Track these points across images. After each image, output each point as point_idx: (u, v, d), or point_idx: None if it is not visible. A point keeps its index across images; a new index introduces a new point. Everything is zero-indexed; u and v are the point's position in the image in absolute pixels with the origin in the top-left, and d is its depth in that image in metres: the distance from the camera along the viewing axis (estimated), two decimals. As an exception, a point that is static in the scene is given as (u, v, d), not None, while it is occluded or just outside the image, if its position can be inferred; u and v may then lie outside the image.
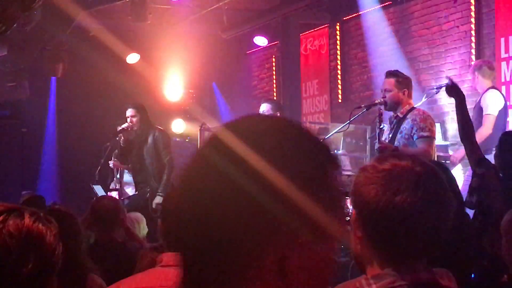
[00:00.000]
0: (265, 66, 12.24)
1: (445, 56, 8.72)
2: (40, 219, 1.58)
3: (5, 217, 1.52)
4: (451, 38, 8.65)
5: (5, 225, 1.51)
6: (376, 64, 9.87)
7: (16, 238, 1.51)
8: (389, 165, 1.52)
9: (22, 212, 1.56)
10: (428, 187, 1.50)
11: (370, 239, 1.54)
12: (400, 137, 5.41)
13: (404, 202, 1.46)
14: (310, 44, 11.08)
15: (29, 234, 1.53)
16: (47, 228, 1.58)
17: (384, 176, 1.51)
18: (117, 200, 4.94)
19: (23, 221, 1.53)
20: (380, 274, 1.50)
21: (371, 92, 9.77)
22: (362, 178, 1.55)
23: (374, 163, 1.57)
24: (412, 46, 9.25)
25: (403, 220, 1.47)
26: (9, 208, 1.56)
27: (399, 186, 1.48)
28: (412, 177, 1.49)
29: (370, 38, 10.04)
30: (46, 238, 1.56)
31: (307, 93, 11.08)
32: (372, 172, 1.53)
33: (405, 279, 1.47)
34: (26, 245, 1.52)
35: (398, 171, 1.50)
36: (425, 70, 9.01)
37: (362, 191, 1.53)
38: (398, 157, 1.56)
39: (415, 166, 1.51)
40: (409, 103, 5.54)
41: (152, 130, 7.47)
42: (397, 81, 5.54)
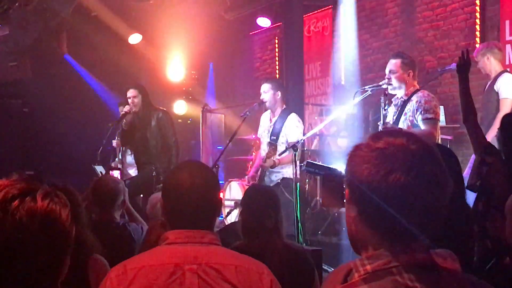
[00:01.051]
0: (268, 48, 12.19)
1: (450, 38, 8.67)
2: (53, 199, 1.55)
3: (19, 202, 1.50)
4: (455, 20, 8.60)
5: (19, 211, 1.48)
6: (380, 46, 9.83)
7: (30, 224, 1.48)
8: (383, 143, 1.48)
9: (35, 195, 1.53)
10: (423, 166, 1.45)
11: (364, 220, 1.51)
12: (404, 118, 5.39)
13: (397, 181, 1.43)
14: (314, 26, 11.03)
15: (43, 218, 1.51)
16: (60, 208, 1.56)
17: (377, 155, 1.47)
18: (118, 180, 4.92)
19: (37, 205, 1.51)
20: (375, 255, 1.48)
21: (374, 74, 9.74)
22: (356, 157, 1.51)
23: (368, 141, 1.52)
24: (416, 28, 9.20)
25: (396, 199, 1.43)
26: (23, 191, 1.53)
27: (392, 165, 1.44)
28: (406, 156, 1.45)
29: (373, 20, 9.99)
30: (60, 218, 1.55)
31: (310, 75, 11.05)
32: (366, 151, 1.49)
33: (400, 260, 1.45)
34: (40, 230, 1.50)
35: (392, 149, 1.46)
36: (429, 52, 8.96)
37: (356, 170, 1.49)
38: (393, 135, 1.51)
39: (410, 144, 1.47)
40: (414, 85, 5.51)
41: (155, 112, 7.42)
42: (402, 62, 5.51)
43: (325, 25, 10.81)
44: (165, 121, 7.36)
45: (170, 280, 2.20)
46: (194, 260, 2.24)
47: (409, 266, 1.45)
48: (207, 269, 2.23)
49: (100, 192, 4.38)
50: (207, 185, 2.40)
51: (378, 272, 1.45)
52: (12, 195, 1.51)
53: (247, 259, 2.37)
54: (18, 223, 1.47)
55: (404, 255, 1.46)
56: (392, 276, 1.44)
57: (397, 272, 1.44)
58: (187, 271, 2.22)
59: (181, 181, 2.37)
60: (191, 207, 2.35)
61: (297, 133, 6.60)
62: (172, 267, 2.22)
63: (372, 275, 1.45)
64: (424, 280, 1.44)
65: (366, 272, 1.46)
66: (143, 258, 2.31)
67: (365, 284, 1.44)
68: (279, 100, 6.78)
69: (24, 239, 1.48)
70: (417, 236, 1.48)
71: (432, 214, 1.48)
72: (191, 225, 2.33)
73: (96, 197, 4.38)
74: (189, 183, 2.36)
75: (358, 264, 1.49)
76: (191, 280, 2.21)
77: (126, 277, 2.20)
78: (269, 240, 3.63)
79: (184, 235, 2.31)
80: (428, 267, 1.47)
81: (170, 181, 2.44)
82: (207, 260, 2.25)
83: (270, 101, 6.74)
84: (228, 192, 9.18)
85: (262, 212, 3.70)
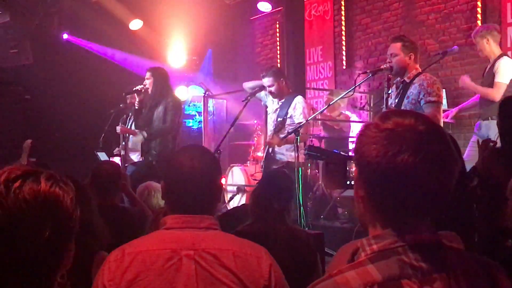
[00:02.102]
0: (269, 33, 12.16)
1: (450, 21, 8.65)
2: (56, 182, 1.55)
3: (21, 182, 1.49)
4: (456, 2, 8.58)
5: (21, 190, 1.48)
6: (381, 30, 9.81)
7: (32, 203, 1.48)
8: (391, 124, 1.49)
9: (38, 176, 1.53)
10: (431, 146, 1.46)
11: (372, 199, 1.52)
12: (407, 102, 5.37)
13: (405, 162, 1.43)
14: (315, 10, 11.00)
15: (45, 199, 1.50)
16: (64, 191, 1.55)
17: (386, 136, 1.47)
18: (118, 165, 4.94)
19: (39, 186, 1.50)
20: (381, 234, 1.49)
21: (375, 58, 9.73)
22: (365, 138, 1.52)
23: (377, 121, 1.52)
24: (417, 11, 9.17)
25: (404, 180, 1.45)
26: (25, 172, 1.53)
27: (400, 146, 1.45)
28: (414, 136, 1.46)
29: (374, 4, 9.96)
30: (63, 202, 1.54)
31: (311, 60, 11.03)
32: (374, 131, 1.50)
33: (406, 239, 1.47)
34: (42, 210, 1.49)
35: (400, 130, 1.47)
36: (430, 35, 8.94)
37: (364, 150, 1.50)
38: (402, 115, 1.51)
39: (419, 125, 1.48)
40: (415, 68, 5.49)
41: (166, 97, 7.43)
42: (403, 45, 5.48)
43: (326, 9, 10.78)
44: (171, 107, 7.36)
45: (166, 265, 2.21)
46: (191, 246, 2.24)
47: (415, 246, 1.47)
48: (204, 255, 2.23)
49: (99, 177, 4.43)
50: (208, 169, 2.41)
51: (384, 252, 1.47)
52: (16, 175, 1.51)
53: (245, 244, 2.36)
54: (20, 201, 1.47)
55: (410, 235, 1.48)
56: (398, 255, 1.46)
57: (402, 251, 1.46)
58: (184, 256, 2.22)
59: (182, 165, 2.38)
60: (191, 190, 2.35)
61: (303, 114, 6.61)
62: (169, 252, 2.23)
63: (378, 254, 1.47)
64: (430, 259, 1.46)
65: (373, 251, 1.48)
66: (141, 243, 2.31)
67: (372, 264, 1.46)
68: (285, 87, 6.79)
69: (26, 218, 1.47)
70: (423, 216, 1.50)
71: (439, 195, 1.49)
72: (190, 209, 2.33)
73: (96, 182, 4.42)
74: (190, 167, 2.36)
75: (365, 244, 1.51)
76: (188, 265, 2.21)
77: (124, 262, 2.21)
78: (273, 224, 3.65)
79: (182, 220, 2.32)
80: (434, 246, 1.49)
81: (171, 165, 2.44)
82: (204, 245, 2.25)
83: (277, 92, 6.75)
84: (230, 177, 9.20)
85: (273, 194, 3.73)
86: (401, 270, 1.44)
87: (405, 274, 1.44)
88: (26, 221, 1.47)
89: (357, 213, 1.61)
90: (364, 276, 1.44)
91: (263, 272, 2.28)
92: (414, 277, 1.44)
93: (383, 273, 1.44)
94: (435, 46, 8.75)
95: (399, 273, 1.44)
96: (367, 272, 1.44)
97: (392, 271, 1.44)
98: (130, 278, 2.18)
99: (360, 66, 9.93)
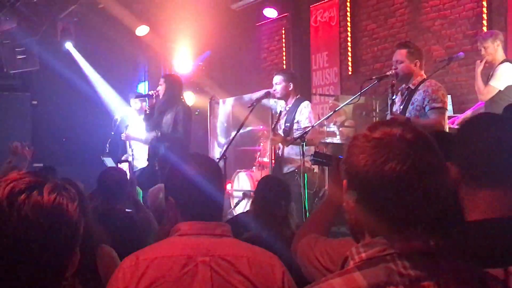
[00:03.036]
0: (275, 38, 12.18)
1: (457, 27, 8.65)
2: (60, 192, 1.54)
3: (25, 196, 1.48)
4: (462, 8, 8.58)
5: (25, 205, 1.47)
6: (387, 36, 9.82)
7: (36, 219, 1.47)
8: (379, 133, 1.51)
9: (42, 189, 1.52)
10: (419, 155, 1.47)
11: (361, 208, 1.54)
12: (411, 108, 5.38)
13: (393, 170, 1.45)
14: (320, 16, 11.01)
15: (50, 212, 1.50)
16: (67, 202, 1.54)
17: (373, 145, 1.50)
18: (124, 172, 4.98)
19: (43, 199, 1.50)
20: (371, 242, 1.50)
21: (381, 64, 9.73)
22: (353, 148, 1.54)
23: (366, 131, 1.55)
24: (423, 17, 9.17)
25: (392, 188, 1.46)
26: (30, 185, 1.52)
27: (388, 155, 1.46)
28: (402, 145, 1.48)
29: (380, 10, 9.98)
30: (68, 213, 1.54)
31: (317, 65, 11.04)
32: (362, 141, 1.52)
33: (395, 247, 1.47)
34: (47, 224, 1.49)
35: (388, 139, 1.49)
36: (436, 41, 8.95)
37: (353, 160, 1.52)
38: (389, 125, 1.53)
39: (406, 134, 1.49)
40: (420, 75, 5.50)
41: (177, 104, 7.46)
42: (409, 52, 5.50)
43: (331, 15, 10.80)
44: (181, 114, 7.39)
45: (182, 271, 2.20)
46: (206, 252, 2.25)
47: (404, 254, 1.47)
48: (220, 261, 2.24)
49: (106, 183, 4.46)
50: (217, 175, 2.44)
51: (372, 260, 1.47)
52: (19, 189, 1.50)
53: (259, 251, 2.38)
54: (24, 218, 1.47)
55: (399, 243, 1.48)
56: (385, 263, 1.46)
57: (391, 259, 1.46)
58: (200, 263, 2.22)
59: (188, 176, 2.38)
60: (203, 197, 2.35)
61: (309, 118, 6.63)
62: (184, 258, 2.22)
63: (366, 262, 1.48)
64: (420, 267, 1.46)
65: (361, 259, 1.49)
66: (156, 249, 2.31)
67: (359, 271, 1.46)
68: (292, 91, 6.79)
69: (30, 234, 1.47)
70: (413, 224, 1.50)
71: (428, 203, 1.49)
72: (203, 216, 2.34)
73: (102, 188, 4.45)
74: (200, 173, 2.37)
75: (354, 252, 1.52)
76: (204, 272, 2.21)
77: (139, 268, 2.20)
78: (279, 231, 3.66)
79: (196, 227, 2.32)
80: (424, 254, 1.48)
81: (180, 172, 2.43)
82: (219, 252, 2.26)
83: (281, 93, 6.75)
84: (236, 182, 9.21)
85: (274, 202, 3.74)
86: (388, 277, 1.44)
87: (391, 281, 1.43)
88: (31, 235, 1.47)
89: (348, 223, 1.62)
90: (349, 283, 1.44)
91: (277, 279, 2.29)
92: (402, 284, 1.43)
93: (368, 280, 1.44)
94: (441, 52, 8.74)
95: (385, 280, 1.43)
96: (353, 279, 1.45)
97: (378, 278, 1.44)
98: (146, 284, 2.17)
99: (366, 72, 9.93)
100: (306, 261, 2.39)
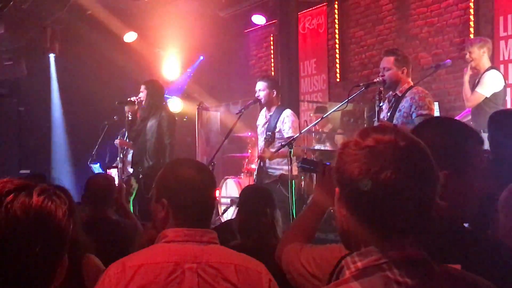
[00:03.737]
0: (263, 45, 12.20)
1: (444, 34, 8.70)
2: (49, 196, 1.52)
3: (13, 197, 1.46)
4: (449, 16, 8.63)
5: (12, 205, 1.45)
6: (374, 43, 9.85)
7: (23, 220, 1.45)
8: (372, 140, 1.48)
9: (31, 191, 1.50)
10: (413, 161, 1.46)
11: (355, 217, 1.51)
12: (399, 115, 5.39)
13: (388, 179, 1.43)
14: (308, 23, 11.05)
15: (37, 214, 1.47)
16: (56, 206, 1.52)
17: (366, 153, 1.47)
18: (111, 178, 4.95)
19: (31, 201, 1.48)
20: (365, 252, 1.48)
21: (369, 71, 9.76)
22: (345, 156, 1.51)
23: (356, 138, 1.52)
24: (411, 24, 9.22)
25: (387, 197, 1.44)
26: (18, 186, 1.50)
27: (382, 163, 1.44)
28: (396, 152, 1.46)
29: (368, 17, 10.01)
30: (56, 217, 1.51)
31: (305, 72, 11.07)
32: (354, 149, 1.49)
33: (390, 256, 1.45)
34: (34, 225, 1.47)
35: (381, 147, 1.46)
36: (423, 49, 8.99)
37: (345, 169, 1.49)
38: (381, 132, 1.51)
39: (399, 141, 1.47)
40: (407, 82, 5.51)
41: (160, 110, 7.43)
42: (396, 59, 5.51)
43: (319, 22, 10.83)
44: (165, 121, 7.36)
45: (169, 278, 2.19)
46: (193, 259, 2.24)
47: (400, 262, 1.45)
48: (207, 268, 2.23)
49: (92, 190, 4.44)
50: (207, 180, 2.41)
51: (369, 269, 1.46)
52: (8, 190, 1.48)
53: (246, 258, 2.37)
54: (11, 216, 1.45)
55: (394, 251, 1.46)
56: (382, 272, 1.44)
57: (387, 267, 1.45)
58: (187, 269, 2.21)
59: (183, 177, 2.37)
60: (194, 202, 2.34)
61: (292, 127, 6.61)
62: (171, 265, 2.21)
63: (362, 271, 1.46)
64: (415, 275, 1.45)
65: (357, 269, 1.47)
66: (142, 256, 2.29)
67: (356, 281, 1.44)
68: (275, 98, 6.80)
69: (17, 233, 1.45)
70: (407, 232, 1.49)
71: (422, 210, 1.48)
72: (194, 223, 2.32)
73: (89, 195, 4.43)
74: (191, 179, 2.36)
75: (349, 262, 1.49)
76: (191, 279, 2.20)
77: (125, 275, 2.18)
78: (265, 238, 3.65)
79: (183, 233, 2.30)
80: (419, 262, 1.47)
81: (172, 177, 2.41)
82: (206, 259, 2.25)
83: (265, 99, 6.74)
84: (224, 189, 9.19)
85: (259, 210, 3.73)
86: (385, 286, 1.43)
87: None
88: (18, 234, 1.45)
89: (339, 231, 1.60)
90: None
91: (264, 287, 2.29)
92: None
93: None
94: (428, 59, 8.79)
95: None
96: None
97: (376, 287, 1.43)
98: None
99: (354, 79, 9.96)
100: (291, 268, 2.38)
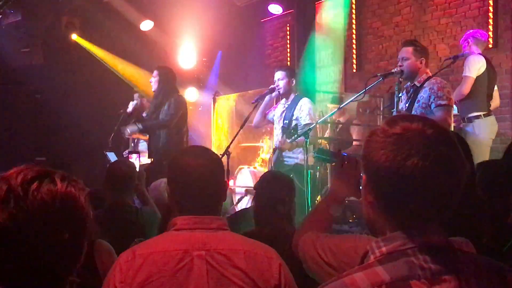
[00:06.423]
0: (279, 35, 12.15)
1: (462, 25, 8.63)
2: (71, 182, 1.56)
3: (38, 183, 1.50)
4: (468, 7, 8.55)
5: (39, 192, 1.48)
6: (392, 34, 9.79)
7: (50, 205, 1.49)
8: (399, 128, 1.50)
9: (53, 177, 1.53)
10: (440, 150, 1.47)
11: (381, 204, 1.54)
12: (417, 106, 5.37)
13: (415, 166, 1.44)
14: (325, 13, 10.98)
15: (63, 199, 1.51)
16: (78, 191, 1.56)
17: (394, 141, 1.49)
18: (133, 165, 4.93)
19: (56, 186, 1.51)
20: (390, 237, 1.50)
21: (385, 62, 9.71)
22: (373, 143, 1.53)
23: (384, 126, 1.54)
24: (429, 15, 9.15)
25: (414, 184, 1.45)
26: (39, 173, 1.53)
27: (409, 150, 1.46)
28: (423, 140, 1.47)
29: (385, 8, 9.95)
30: (79, 202, 1.55)
31: (322, 63, 11.01)
32: (382, 137, 1.51)
33: (415, 242, 1.47)
34: (61, 210, 1.50)
35: (409, 134, 1.48)
36: (441, 40, 8.92)
37: (373, 156, 1.51)
38: (409, 120, 1.53)
39: (427, 129, 1.49)
40: (426, 72, 5.49)
41: (172, 95, 7.48)
42: (414, 49, 5.49)
43: (336, 12, 10.77)
44: (174, 103, 7.42)
45: (178, 266, 2.22)
46: (202, 246, 2.26)
47: (424, 248, 1.47)
48: (216, 255, 2.25)
49: (114, 176, 4.44)
50: (213, 168, 2.42)
51: (393, 254, 1.48)
52: (32, 177, 1.51)
53: (255, 244, 2.38)
54: (39, 203, 1.48)
55: (419, 237, 1.48)
56: (407, 257, 1.46)
57: (412, 253, 1.47)
58: (196, 257, 2.24)
59: (188, 165, 2.39)
60: (199, 190, 2.36)
61: (310, 115, 6.60)
62: (180, 253, 2.24)
63: (387, 256, 1.48)
64: (439, 261, 1.46)
65: (382, 253, 1.49)
66: (152, 244, 2.32)
67: (380, 265, 1.46)
68: (293, 88, 6.80)
69: (47, 219, 1.48)
70: (432, 219, 1.51)
71: (447, 198, 1.50)
72: (199, 210, 2.34)
73: (110, 181, 4.43)
74: (196, 166, 2.37)
75: (374, 246, 1.51)
76: (200, 266, 2.22)
77: (135, 263, 2.22)
78: (281, 227, 3.64)
79: (192, 221, 2.33)
80: (443, 249, 1.49)
81: (177, 165, 2.44)
82: (215, 246, 2.27)
83: (284, 88, 6.74)
84: (239, 178, 9.19)
85: (277, 197, 3.71)
86: (410, 271, 1.44)
87: (414, 274, 1.44)
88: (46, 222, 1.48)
89: (365, 218, 1.62)
90: (372, 277, 1.44)
91: (274, 272, 2.29)
92: (424, 277, 1.44)
93: (391, 274, 1.44)
94: (446, 50, 8.72)
95: (407, 274, 1.44)
96: (375, 273, 1.45)
97: (400, 272, 1.44)
98: (142, 279, 2.19)
99: (371, 70, 9.90)
100: (307, 257, 2.38)
